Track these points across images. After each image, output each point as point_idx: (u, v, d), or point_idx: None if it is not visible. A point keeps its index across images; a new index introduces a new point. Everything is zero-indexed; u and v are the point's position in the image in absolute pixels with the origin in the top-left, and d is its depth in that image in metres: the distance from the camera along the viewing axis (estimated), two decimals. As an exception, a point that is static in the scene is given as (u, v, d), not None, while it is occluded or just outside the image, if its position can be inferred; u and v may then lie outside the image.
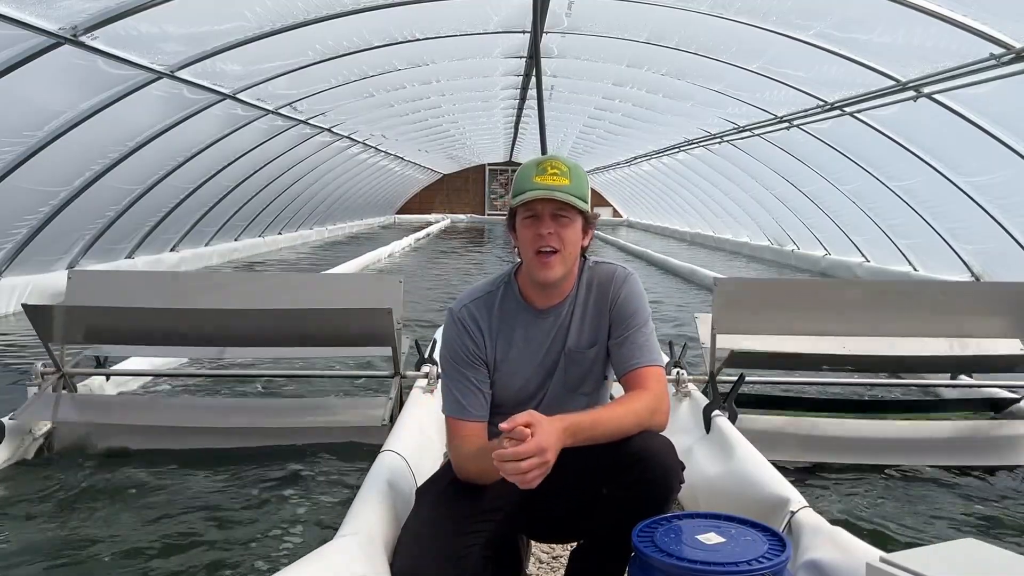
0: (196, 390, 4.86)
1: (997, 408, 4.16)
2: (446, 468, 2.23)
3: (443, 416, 2.20)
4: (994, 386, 4.30)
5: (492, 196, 34.31)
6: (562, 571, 2.56)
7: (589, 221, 2.16)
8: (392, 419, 3.56)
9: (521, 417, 1.82)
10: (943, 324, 3.87)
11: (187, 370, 4.88)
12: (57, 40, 5.69)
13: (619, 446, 1.97)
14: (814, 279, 10.35)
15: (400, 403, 3.73)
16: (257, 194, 13.54)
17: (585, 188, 2.13)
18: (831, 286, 5.18)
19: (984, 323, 3.86)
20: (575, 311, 2.21)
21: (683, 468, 2.02)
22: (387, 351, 3.86)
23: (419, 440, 3.09)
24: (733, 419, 3.42)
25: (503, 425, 1.82)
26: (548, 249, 2.09)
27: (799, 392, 4.68)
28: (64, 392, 3.88)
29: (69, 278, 4.00)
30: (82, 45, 5.89)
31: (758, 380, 4.31)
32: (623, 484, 1.96)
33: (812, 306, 3.86)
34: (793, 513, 2.34)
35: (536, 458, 1.78)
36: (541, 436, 1.80)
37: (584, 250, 2.20)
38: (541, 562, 2.72)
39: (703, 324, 3.98)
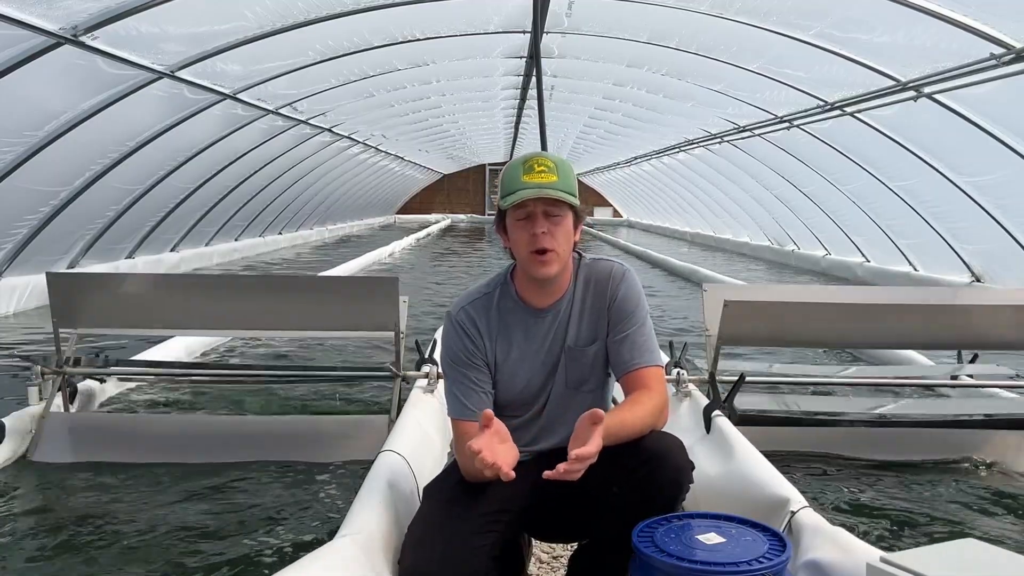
0: (195, 391, 4.85)
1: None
2: (452, 467, 2.23)
3: (443, 416, 2.20)
4: (995, 386, 4.30)
5: (492, 196, 34.33)
6: (562, 571, 2.56)
7: (579, 215, 2.16)
8: (392, 419, 3.57)
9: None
10: (941, 323, 3.87)
11: (187, 370, 4.88)
12: (57, 40, 5.68)
13: (631, 445, 1.97)
14: (809, 285, 10.37)
15: (400, 403, 3.73)
16: (257, 194, 13.54)
17: (573, 182, 2.13)
18: (825, 291, 5.21)
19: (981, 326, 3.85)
20: (573, 309, 2.21)
21: (693, 468, 2.03)
22: (388, 355, 3.86)
23: (419, 440, 3.09)
24: (733, 419, 3.43)
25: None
26: (543, 248, 2.08)
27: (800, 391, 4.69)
28: (64, 391, 3.88)
29: (48, 278, 3.83)
30: (82, 45, 5.88)
31: (758, 380, 4.31)
32: (635, 483, 1.96)
33: (807, 310, 3.87)
34: (793, 513, 2.34)
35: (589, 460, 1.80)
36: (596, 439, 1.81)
37: (575, 245, 2.20)
38: (541, 562, 2.72)
39: (709, 299, 3.94)
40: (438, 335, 4.30)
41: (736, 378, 3.62)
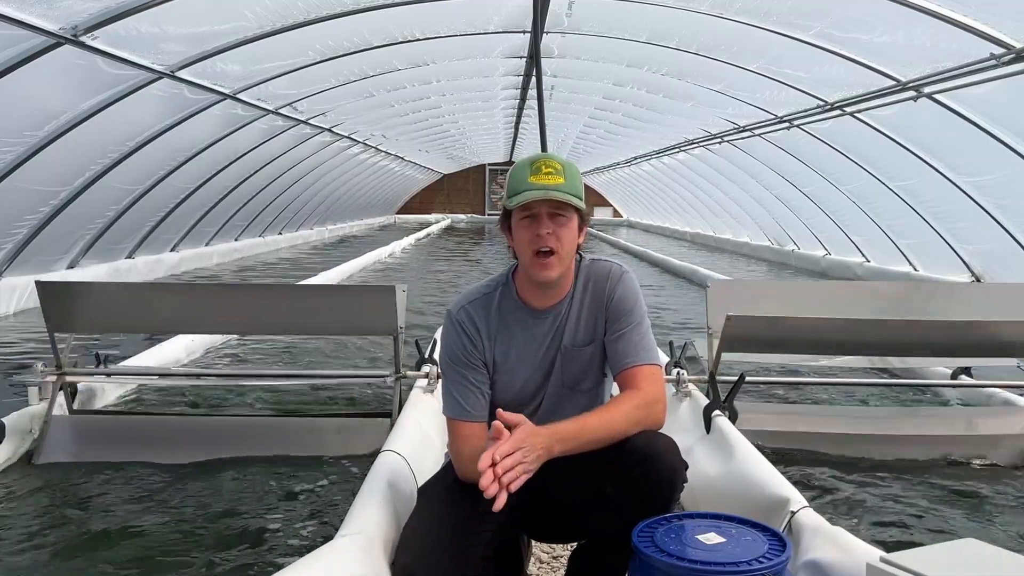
0: (196, 391, 4.84)
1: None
2: (448, 467, 2.23)
3: (443, 416, 2.20)
4: (995, 386, 4.30)
5: (492, 196, 34.33)
6: (562, 571, 2.56)
7: (584, 219, 2.16)
8: (392, 419, 3.57)
9: (512, 416, 1.86)
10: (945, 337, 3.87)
11: (187, 370, 4.89)
12: (57, 40, 5.68)
13: (623, 445, 1.97)
14: (810, 281, 10.38)
15: (400, 403, 3.73)
16: (257, 194, 13.54)
17: (580, 185, 2.13)
18: (827, 287, 5.21)
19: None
20: (572, 309, 2.20)
21: (686, 468, 2.02)
22: (388, 352, 3.86)
23: (419, 440, 3.09)
24: (733, 419, 3.43)
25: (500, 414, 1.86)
26: (547, 249, 2.08)
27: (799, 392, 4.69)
28: (64, 392, 3.88)
29: (39, 286, 3.74)
30: (82, 45, 5.88)
31: (758, 380, 4.31)
32: (627, 483, 1.95)
33: (808, 306, 3.87)
34: (793, 513, 2.34)
35: (518, 453, 1.80)
36: (517, 434, 1.83)
37: (579, 248, 2.20)
38: (541, 562, 2.72)
39: (712, 297, 3.95)
40: (438, 335, 4.30)
41: (736, 378, 3.62)
